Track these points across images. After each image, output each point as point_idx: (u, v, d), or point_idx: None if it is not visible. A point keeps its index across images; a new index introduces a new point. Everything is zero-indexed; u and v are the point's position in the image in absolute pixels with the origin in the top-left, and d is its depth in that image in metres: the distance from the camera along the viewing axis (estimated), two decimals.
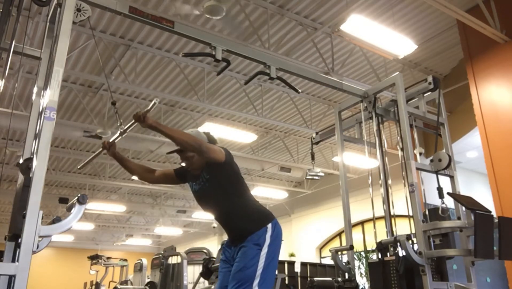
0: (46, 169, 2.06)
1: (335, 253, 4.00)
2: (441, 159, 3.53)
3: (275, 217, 2.57)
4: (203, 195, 2.60)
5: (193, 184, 2.65)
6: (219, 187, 2.52)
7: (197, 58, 7.75)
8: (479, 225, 2.93)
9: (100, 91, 8.44)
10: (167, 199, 15.46)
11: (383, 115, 4.06)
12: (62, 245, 19.75)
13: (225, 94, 8.92)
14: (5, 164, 9.86)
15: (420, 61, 8.28)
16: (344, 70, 7.96)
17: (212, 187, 2.52)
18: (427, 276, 3.11)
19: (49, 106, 2.15)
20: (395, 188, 3.92)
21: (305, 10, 6.66)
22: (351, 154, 9.40)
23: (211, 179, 2.52)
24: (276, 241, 2.50)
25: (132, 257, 13.06)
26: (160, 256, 7.85)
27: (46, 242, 2.06)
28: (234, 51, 3.48)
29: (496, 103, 6.35)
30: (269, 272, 2.42)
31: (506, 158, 6.05)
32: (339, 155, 4.43)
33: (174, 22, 3.20)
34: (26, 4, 3.17)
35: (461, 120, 8.40)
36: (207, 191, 2.55)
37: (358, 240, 4.61)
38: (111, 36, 6.98)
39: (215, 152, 2.48)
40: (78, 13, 2.61)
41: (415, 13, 6.91)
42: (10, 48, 2.69)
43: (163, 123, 9.47)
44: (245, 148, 10.83)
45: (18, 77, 7.28)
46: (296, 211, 14.84)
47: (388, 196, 3.82)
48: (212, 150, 2.46)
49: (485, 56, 6.56)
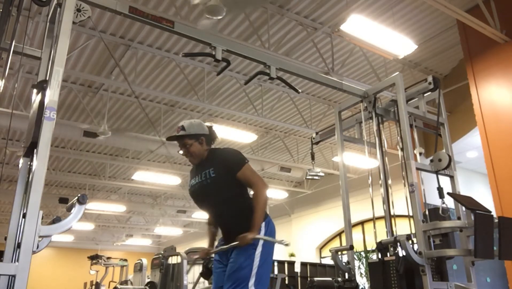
0: (46, 169, 2.06)
1: (335, 253, 4.00)
2: (441, 159, 3.53)
3: (268, 215, 2.57)
4: (200, 191, 2.58)
5: (192, 178, 2.66)
6: (222, 187, 2.52)
7: (197, 58, 7.75)
8: (479, 225, 2.93)
9: (100, 91, 8.44)
10: (167, 199, 15.45)
11: (383, 115, 4.06)
12: (62, 245, 19.75)
13: (225, 94, 8.92)
14: (5, 164, 9.87)
15: (420, 61, 8.28)
16: (344, 70, 7.96)
17: (214, 186, 2.52)
18: (427, 276, 3.11)
19: (49, 106, 2.15)
20: (395, 188, 3.92)
21: (305, 10, 6.66)
22: (351, 154, 9.40)
23: (217, 178, 2.51)
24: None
25: (132, 257, 13.05)
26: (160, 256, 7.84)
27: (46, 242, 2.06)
28: (234, 51, 3.48)
29: (496, 103, 6.35)
30: (264, 271, 2.41)
31: (506, 158, 6.04)
32: (339, 155, 4.43)
33: (174, 22, 3.20)
34: (26, 4, 3.17)
35: (461, 120, 8.40)
36: (207, 188, 2.54)
37: (358, 240, 4.61)
38: (111, 36, 6.98)
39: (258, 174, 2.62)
40: (78, 13, 2.61)
41: (415, 13, 6.91)
42: (10, 48, 2.69)
43: (163, 123, 9.51)
44: (245, 148, 10.83)
45: (18, 77, 7.28)
46: (296, 211, 14.84)
47: (388, 196, 3.82)
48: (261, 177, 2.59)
49: (485, 56, 6.56)
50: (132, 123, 9.86)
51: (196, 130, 2.64)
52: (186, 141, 2.61)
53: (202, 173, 2.56)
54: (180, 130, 2.63)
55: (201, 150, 2.63)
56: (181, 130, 2.62)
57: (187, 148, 2.62)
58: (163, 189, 13.35)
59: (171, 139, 2.68)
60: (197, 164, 2.66)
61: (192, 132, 2.62)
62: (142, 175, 11.71)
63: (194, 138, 2.62)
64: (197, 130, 2.64)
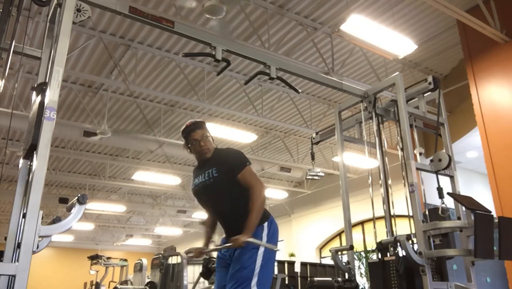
0: (46, 169, 2.05)
1: (335, 253, 4.00)
2: (441, 159, 3.53)
3: (271, 214, 2.58)
4: (204, 191, 2.60)
5: (195, 178, 2.67)
6: (224, 187, 2.52)
7: (197, 58, 7.75)
8: (479, 225, 2.92)
9: (100, 91, 8.44)
10: (167, 199, 15.45)
11: (383, 115, 4.06)
12: (62, 245, 19.75)
13: (225, 94, 8.92)
14: (5, 164, 9.87)
15: (420, 61, 8.28)
16: (344, 70, 7.96)
17: (217, 186, 2.52)
18: (427, 276, 3.11)
19: (49, 106, 2.15)
20: (395, 188, 3.92)
21: (305, 10, 6.66)
22: (351, 154, 9.40)
23: (219, 177, 2.52)
24: (273, 239, 2.50)
25: (132, 257, 13.05)
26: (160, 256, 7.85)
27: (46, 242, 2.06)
28: (234, 51, 3.48)
29: (496, 103, 6.35)
30: (267, 270, 2.42)
31: (506, 158, 6.04)
32: (339, 155, 4.43)
33: (174, 22, 3.20)
34: (26, 4, 3.17)
35: (461, 120, 8.40)
36: (210, 187, 2.55)
37: (358, 240, 4.61)
38: (111, 36, 6.98)
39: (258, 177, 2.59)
40: (78, 13, 2.61)
41: (415, 13, 6.91)
42: (10, 48, 2.69)
43: (163, 123, 9.51)
44: (245, 148, 10.82)
45: (18, 77, 7.28)
46: (296, 211, 14.84)
47: (388, 196, 3.82)
48: (260, 180, 2.55)
49: (485, 56, 6.56)
50: (132, 123, 9.86)
51: (207, 128, 2.72)
52: (205, 132, 2.65)
53: (206, 173, 2.57)
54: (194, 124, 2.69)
55: (211, 146, 2.67)
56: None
57: (203, 139, 2.63)
58: (163, 189, 13.35)
59: (189, 129, 2.67)
60: (201, 163, 2.68)
61: (207, 128, 2.70)
62: (142, 175, 11.71)
63: (209, 133, 2.69)
64: (208, 130, 2.72)
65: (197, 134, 2.63)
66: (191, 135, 2.64)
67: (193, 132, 2.64)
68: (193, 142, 2.64)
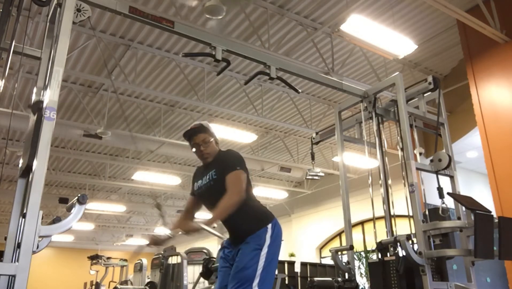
0: (46, 169, 2.05)
1: (335, 253, 4.00)
2: (441, 159, 3.53)
3: (275, 216, 2.58)
4: (206, 193, 2.61)
5: (198, 180, 2.67)
6: (223, 189, 2.50)
7: (197, 58, 7.74)
8: (479, 225, 2.92)
9: (100, 91, 8.45)
10: (167, 199, 15.45)
11: (383, 115, 4.06)
12: (62, 245, 19.74)
13: (225, 94, 8.92)
14: (5, 164, 9.87)
15: (420, 61, 8.28)
16: (344, 70, 7.96)
17: (217, 187, 2.52)
18: (427, 276, 3.11)
19: (49, 107, 2.15)
20: (395, 188, 3.92)
21: (305, 10, 6.66)
22: (351, 154, 9.40)
23: (218, 179, 2.52)
24: (276, 241, 2.50)
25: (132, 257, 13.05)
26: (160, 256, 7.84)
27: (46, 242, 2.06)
28: (234, 51, 3.48)
29: (496, 103, 6.35)
30: (269, 272, 2.42)
31: (506, 158, 6.04)
32: (339, 155, 4.43)
33: (174, 22, 3.20)
34: (26, 4, 3.17)
35: (461, 120, 8.40)
36: (211, 189, 2.56)
37: (358, 240, 4.61)
38: (111, 36, 6.98)
39: (243, 185, 2.47)
40: (78, 13, 2.61)
41: (415, 13, 6.91)
42: (10, 48, 2.69)
43: (163, 123, 9.50)
44: (245, 148, 10.83)
45: (18, 77, 7.28)
46: (296, 211, 14.84)
47: (388, 196, 3.82)
48: (243, 188, 2.45)
49: (485, 56, 6.56)
50: (132, 123, 9.86)
51: (212, 131, 2.68)
52: (207, 137, 2.62)
53: (207, 175, 2.59)
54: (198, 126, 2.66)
55: (214, 150, 2.65)
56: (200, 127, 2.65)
57: (204, 144, 2.61)
58: (163, 189, 13.35)
59: (191, 131, 2.64)
60: (204, 165, 2.68)
61: (211, 131, 2.67)
62: (142, 175, 11.71)
63: (212, 137, 2.65)
64: (213, 133, 2.68)
65: (198, 138, 2.62)
66: (193, 139, 2.63)
67: (195, 136, 2.63)
68: (194, 146, 2.64)
